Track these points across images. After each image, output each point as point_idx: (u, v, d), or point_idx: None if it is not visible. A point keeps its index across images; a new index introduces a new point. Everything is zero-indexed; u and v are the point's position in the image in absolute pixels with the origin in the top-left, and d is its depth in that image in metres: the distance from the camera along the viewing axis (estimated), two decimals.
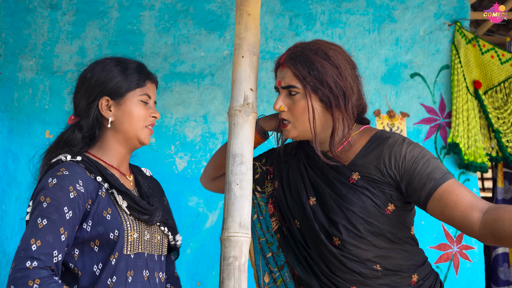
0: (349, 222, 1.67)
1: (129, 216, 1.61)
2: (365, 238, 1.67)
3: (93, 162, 1.61)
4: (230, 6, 3.16)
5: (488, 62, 3.19)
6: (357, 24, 3.18)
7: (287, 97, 1.72)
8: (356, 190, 1.67)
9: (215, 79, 3.13)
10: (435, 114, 3.14)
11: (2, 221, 2.98)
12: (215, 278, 2.97)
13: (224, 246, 1.68)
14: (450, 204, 1.51)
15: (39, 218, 1.45)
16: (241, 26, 1.77)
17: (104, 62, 1.68)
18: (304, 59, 1.67)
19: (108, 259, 1.53)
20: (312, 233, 1.73)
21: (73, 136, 1.63)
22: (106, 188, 1.60)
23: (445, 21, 3.19)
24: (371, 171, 1.66)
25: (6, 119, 3.06)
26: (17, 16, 3.14)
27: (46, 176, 1.53)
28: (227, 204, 1.70)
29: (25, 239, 1.42)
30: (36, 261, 1.40)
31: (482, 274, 3.01)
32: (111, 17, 3.15)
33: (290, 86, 1.69)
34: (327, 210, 1.70)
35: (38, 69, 3.11)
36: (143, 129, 1.68)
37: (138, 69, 1.70)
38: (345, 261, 1.67)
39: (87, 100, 1.64)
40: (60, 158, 1.59)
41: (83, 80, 1.67)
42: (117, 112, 1.65)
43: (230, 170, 1.71)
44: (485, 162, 3.03)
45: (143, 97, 1.68)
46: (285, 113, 1.72)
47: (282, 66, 1.73)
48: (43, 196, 1.47)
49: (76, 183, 1.52)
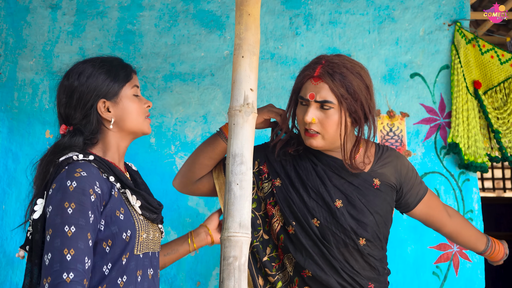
0: (376, 225, 1.83)
1: (139, 216, 1.61)
2: (380, 240, 1.87)
3: (104, 161, 1.60)
4: (230, 6, 3.17)
5: (488, 62, 3.19)
6: (357, 24, 3.18)
7: (318, 110, 1.78)
8: (379, 196, 1.85)
9: (215, 79, 3.13)
10: (435, 114, 3.14)
11: (2, 221, 2.98)
12: (215, 278, 2.98)
13: (224, 246, 1.68)
14: (433, 206, 2.00)
15: (66, 225, 1.42)
16: (241, 26, 1.77)
17: (86, 66, 1.66)
18: (342, 76, 1.76)
19: (118, 259, 1.52)
20: (338, 233, 1.81)
21: (74, 141, 1.60)
22: (118, 187, 1.59)
23: (445, 21, 3.19)
24: (390, 179, 1.88)
25: (6, 119, 3.06)
26: (17, 16, 3.14)
27: (62, 178, 1.49)
28: (227, 204, 1.70)
29: (56, 250, 1.40)
30: (72, 272, 1.39)
31: (482, 274, 3.01)
32: (111, 17, 3.15)
33: (326, 102, 1.75)
34: (355, 213, 1.82)
35: (38, 69, 3.11)
36: (144, 121, 1.70)
37: (121, 64, 1.71)
38: (370, 259, 1.83)
39: (84, 107, 1.62)
40: (71, 157, 1.55)
41: (71, 90, 1.64)
42: (116, 111, 1.65)
43: (230, 170, 1.71)
44: (485, 162, 3.03)
45: (134, 89, 1.69)
46: (315, 125, 1.78)
47: (317, 79, 1.78)
48: (67, 202, 1.44)
49: (94, 185, 1.50)
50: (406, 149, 3.10)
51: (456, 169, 3.09)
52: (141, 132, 1.70)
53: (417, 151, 3.11)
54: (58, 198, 1.46)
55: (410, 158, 3.08)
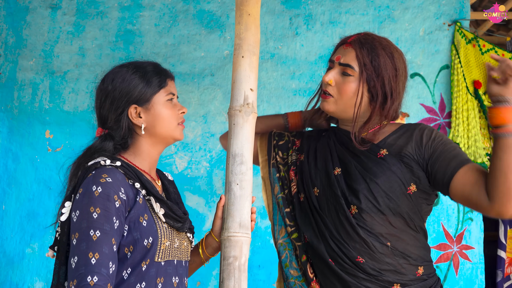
0: (370, 193, 1.73)
1: (163, 224, 1.61)
2: (382, 212, 1.72)
3: (131, 167, 1.60)
4: (230, 6, 3.17)
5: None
6: (357, 24, 3.18)
7: (339, 74, 1.77)
8: (382, 165, 1.74)
9: (215, 79, 3.13)
10: (435, 114, 3.14)
11: (2, 221, 2.99)
12: (215, 278, 2.98)
13: (224, 246, 1.68)
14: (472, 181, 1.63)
15: (91, 230, 1.44)
16: (241, 26, 1.77)
17: (121, 71, 1.67)
18: (372, 48, 1.75)
19: (138, 265, 1.52)
20: (332, 200, 1.78)
21: (104, 145, 1.61)
22: (143, 194, 1.59)
23: (445, 21, 3.19)
24: (404, 149, 1.74)
25: (6, 119, 3.06)
26: (17, 16, 3.14)
27: (88, 183, 1.50)
28: (227, 204, 1.70)
29: (82, 253, 1.42)
30: (97, 276, 1.40)
31: (482, 274, 3.01)
32: (111, 17, 3.15)
33: (348, 66, 1.75)
34: (350, 180, 1.76)
35: (38, 69, 3.11)
36: (176, 127, 1.68)
37: (156, 70, 1.70)
38: (358, 229, 1.72)
39: (116, 112, 1.63)
40: (99, 161, 1.56)
41: (105, 94, 1.65)
42: (147, 118, 1.64)
43: (230, 170, 1.71)
44: (485, 162, 3.03)
45: (168, 96, 1.67)
46: (332, 87, 1.77)
47: (348, 45, 1.78)
48: (92, 207, 1.45)
49: (119, 191, 1.51)
50: None
51: None
52: (172, 138, 1.69)
53: None
54: (84, 203, 1.47)
55: None
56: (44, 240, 2.98)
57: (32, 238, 2.99)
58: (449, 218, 3.06)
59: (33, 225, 2.99)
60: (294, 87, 3.15)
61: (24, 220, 2.99)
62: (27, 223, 3.00)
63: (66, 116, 3.09)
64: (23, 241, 2.98)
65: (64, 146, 3.05)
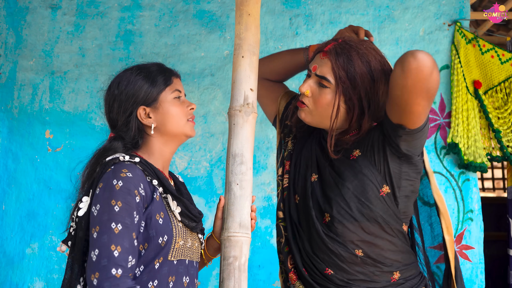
0: (343, 199, 1.69)
1: (178, 223, 1.61)
2: (354, 219, 1.68)
3: (149, 164, 1.61)
4: (230, 6, 3.17)
5: (488, 62, 3.19)
6: (357, 24, 3.18)
7: (316, 84, 1.73)
8: (354, 167, 1.70)
9: (215, 79, 3.13)
10: (434, 114, 3.14)
11: (2, 221, 2.99)
12: (215, 278, 2.98)
13: (224, 246, 1.68)
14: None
15: (113, 222, 1.44)
16: (241, 26, 1.77)
17: (126, 74, 1.68)
18: (348, 59, 1.68)
19: (151, 262, 1.53)
20: (305, 210, 1.76)
21: (113, 144, 1.62)
22: (160, 192, 1.60)
23: (445, 21, 3.19)
24: (376, 140, 1.68)
25: (6, 119, 3.07)
26: (17, 16, 3.14)
27: (108, 177, 1.51)
28: (227, 204, 1.70)
29: (103, 246, 1.42)
30: (121, 268, 1.41)
31: (482, 274, 3.01)
32: (111, 17, 3.15)
33: (323, 78, 1.70)
34: (325, 186, 1.73)
35: (38, 69, 3.11)
36: (186, 124, 1.69)
37: (160, 69, 1.71)
38: (327, 240, 1.69)
39: (124, 114, 1.64)
40: (117, 157, 1.57)
41: (113, 98, 1.66)
42: (157, 117, 1.65)
43: (230, 170, 1.71)
44: (484, 162, 3.03)
45: (174, 93, 1.69)
46: (308, 98, 1.74)
47: (324, 54, 1.73)
48: (114, 200, 1.46)
49: (139, 186, 1.51)
50: None
51: (456, 169, 3.09)
52: (183, 135, 1.69)
53: None
54: (106, 196, 1.47)
55: None
56: (44, 240, 2.98)
57: (32, 238, 2.99)
58: None
59: (33, 225, 3.00)
60: (294, 87, 3.12)
61: (24, 220, 2.99)
62: (27, 223, 3.00)
63: (66, 116, 3.09)
64: (23, 241, 2.98)
65: (64, 146, 3.05)
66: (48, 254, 2.96)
